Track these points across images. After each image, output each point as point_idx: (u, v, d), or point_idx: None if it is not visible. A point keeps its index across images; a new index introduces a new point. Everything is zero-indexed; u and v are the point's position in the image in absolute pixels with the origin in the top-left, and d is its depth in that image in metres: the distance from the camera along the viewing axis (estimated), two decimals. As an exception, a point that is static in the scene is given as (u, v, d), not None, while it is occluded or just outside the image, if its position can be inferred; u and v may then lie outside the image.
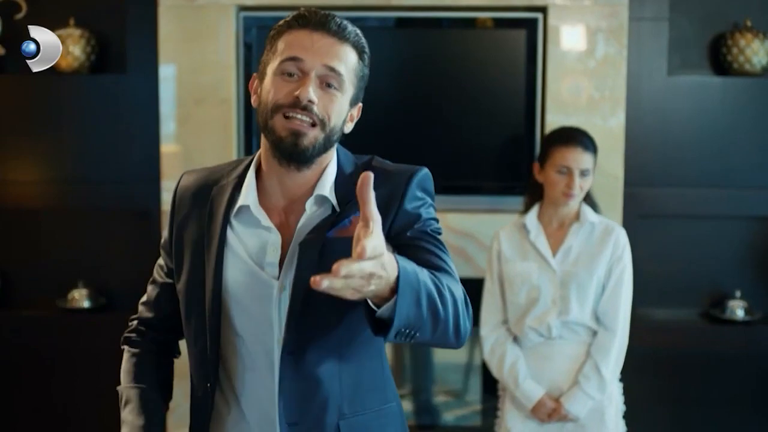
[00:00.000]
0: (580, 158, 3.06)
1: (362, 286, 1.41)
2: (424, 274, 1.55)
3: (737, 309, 3.95)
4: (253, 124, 3.77)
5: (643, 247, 3.70)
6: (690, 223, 4.02)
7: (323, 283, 1.35)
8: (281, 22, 1.81)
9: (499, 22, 3.80)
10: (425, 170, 1.84)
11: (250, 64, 3.73)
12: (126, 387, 1.92)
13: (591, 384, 3.03)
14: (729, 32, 3.94)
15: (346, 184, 1.79)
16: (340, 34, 1.76)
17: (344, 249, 1.48)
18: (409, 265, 1.51)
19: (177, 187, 1.93)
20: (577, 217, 3.13)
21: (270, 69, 1.77)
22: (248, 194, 1.81)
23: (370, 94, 1.89)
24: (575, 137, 3.12)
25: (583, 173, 3.07)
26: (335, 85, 1.75)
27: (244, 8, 3.74)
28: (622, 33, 3.77)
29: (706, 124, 3.95)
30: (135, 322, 2.01)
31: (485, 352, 3.17)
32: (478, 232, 3.69)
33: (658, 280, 3.87)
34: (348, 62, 1.77)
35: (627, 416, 3.21)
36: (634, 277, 3.18)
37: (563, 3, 3.73)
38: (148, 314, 1.99)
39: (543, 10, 3.76)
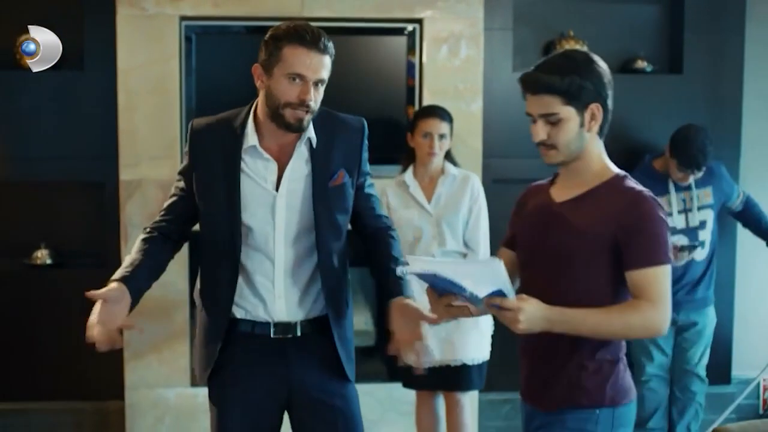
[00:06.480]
0: (438, 125, 3.82)
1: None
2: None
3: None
4: (192, 107, 4.42)
5: (496, 206, 4.01)
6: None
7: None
8: (282, 32, 2.46)
9: (386, 31, 4.51)
10: (364, 121, 2.68)
11: (190, 60, 4.41)
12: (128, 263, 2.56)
13: None
14: (557, 39, 4.66)
15: (315, 124, 2.57)
16: (325, 51, 2.46)
17: (335, 193, 2.59)
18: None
19: (191, 130, 2.61)
20: (443, 171, 3.86)
21: (278, 71, 2.45)
22: (252, 137, 2.53)
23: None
24: (433, 110, 3.89)
25: (442, 137, 3.82)
26: (321, 84, 2.50)
27: (185, 18, 4.40)
28: (479, 39, 4.47)
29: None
30: (153, 225, 2.64)
31: None
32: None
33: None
34: (328, 68, 2.49)
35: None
36: (490, 230, 3.84)
37: (435, 16, 4.46)
38: (165, 217, 2.64)
39: (419, 21, 4.47)
